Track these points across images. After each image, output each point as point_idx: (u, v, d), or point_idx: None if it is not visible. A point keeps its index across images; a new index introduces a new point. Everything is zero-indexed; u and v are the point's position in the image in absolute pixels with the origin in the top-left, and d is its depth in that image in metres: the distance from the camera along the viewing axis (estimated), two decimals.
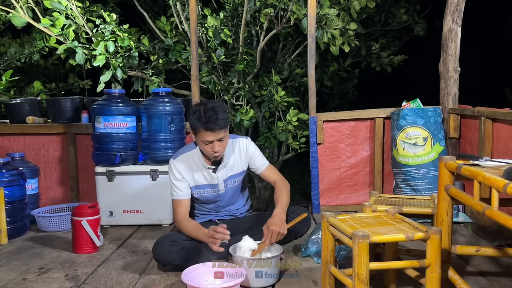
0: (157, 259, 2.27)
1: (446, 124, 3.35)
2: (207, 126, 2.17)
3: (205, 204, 2.49)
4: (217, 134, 2.20)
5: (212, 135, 2.19)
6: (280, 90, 3.91)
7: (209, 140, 2.21)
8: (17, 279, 2.24)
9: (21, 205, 3.04)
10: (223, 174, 2.41)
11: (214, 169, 2.39)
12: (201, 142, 2.25)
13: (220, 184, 2.42)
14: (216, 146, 2.23)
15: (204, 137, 2.21)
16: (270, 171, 2.52)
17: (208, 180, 2.41)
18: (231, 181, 2.45)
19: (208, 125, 2.17)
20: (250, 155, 2.46)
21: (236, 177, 2.46)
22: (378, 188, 3.52)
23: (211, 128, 2.17)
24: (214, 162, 2.39)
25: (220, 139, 2.22)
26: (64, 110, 3.59)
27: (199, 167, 2.39)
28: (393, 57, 5.17)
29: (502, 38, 6.59)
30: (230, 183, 2.45)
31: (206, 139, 2.21)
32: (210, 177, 2.40)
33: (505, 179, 1.36)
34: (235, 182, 2.47)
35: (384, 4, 4.99)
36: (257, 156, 2.49)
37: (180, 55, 4.06)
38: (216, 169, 2.39)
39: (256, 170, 2.51)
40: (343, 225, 1.72)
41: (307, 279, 2.15)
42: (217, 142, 2.22)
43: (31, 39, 4.56)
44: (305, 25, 3.50)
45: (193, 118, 2.22)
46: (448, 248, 1.83)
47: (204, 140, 2.22)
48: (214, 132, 2.19)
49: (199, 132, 2.22)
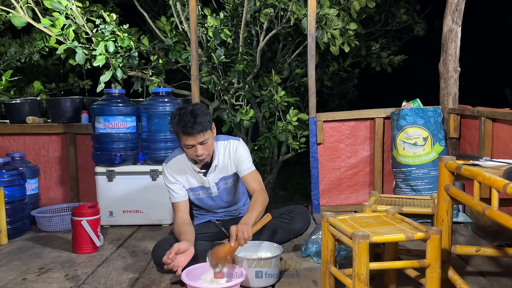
0: (156, 263, 2.26)
1: (446, 124, 3.35)
2: (184, 131, 2.14)
3: (201, 207, 2.49)
4: (196, 138, 2.15)
5: (192, 139, 2.16)
6: (280, 90, 3.91)
7: (190, 144, 2.18)
8: (17, 279, 2.24)
9: (21, 205, 3.04)
10: (214, 177, 2.38)
11: (204, 173, 2.37)
12: (184, 146, 2.23)
13: (212, 187, 2.40)
14: (198, 149, 2.19)
15: (184, 141, 2.18)
16: (253, 178, 2.37)
17: (200, 182, 2.40)
18: (223, 183, 2.43)
19: (185, 129, 2.13)
20: (239, 157, 2.39)
21: (228, 179, 2.43)
22: (378, 188, 3.52)
23: (189, 132, 2.13)
24: (204, 166, 2.36)
25: (201, 142, 2.18)
26: (64, 110, 3.59)
27: (190, 170, 2.38)
28: (393, 57, 5.17)
29: (502, 38, 6.59)
30: (223, 185, 2.43)
31: (186, 143, 2.18)
32: (202, 180, 2.39)
33: (505, 179, 1.36)
34: (227, 183, 2.44)
35: (384, 4, 5.00)
36: (245, 160, 2.39)
37: (180, 55, 4.06)
38: (206, 172, 2.37)
39: (240, 173, 2.40)
40: (343, 225, 1.72)
41: (307, 279, 2.15)
42: (199, 145, 2.18)
43: (31, 39, 4.56)
44: (305, 25, 3.50)
45: (173, 123, 2.20)
46: (448, 248, 1.83)
47: (186, 145, 2.20)
48: (193, 136, 2.15)
49: (179, 137, 2.20)
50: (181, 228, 2.23)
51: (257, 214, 2.16)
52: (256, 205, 2.22)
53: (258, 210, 2.19)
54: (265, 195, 2.31)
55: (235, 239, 2.01)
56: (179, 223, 2.28)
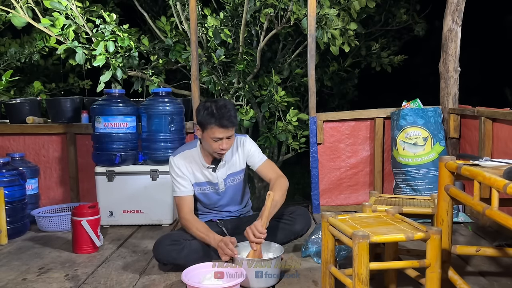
0: (157, 259, 2.26)
1: (446, 124, 3.35)
2: (221, 123, 2.16)
3: (206, 203, 2.49)
4: (228, 131, 2.20)
5: (224, 132, 2.19)
6: (280, 90, 3.91)
7: (219, 137, 2.20)
8: (17, 279, 2.24)
9: (21, 205, 3.04)
10: (222, 173, 2.40)
11: (213, 168, 2.38)
12: (210, 139, 2.22)
13: (220, 183, 2.41)
14: (224, 143, 2.22)
15: (215, 133, 2.19)
16: (266, 167, 2.42)
17: (208, 178, 2.40)
18: (230, 179, 2.45)
19: (222, 121, 2.16)
20: (247, 152, 2.43)
21: (236, 175, 2.46)
22: (378, 188, 3.52)
23: (225, 125, 2.17)
24: (213, 161, 2.38)
25: (229, 136, 2.22)
26: (64, 110, 3.59)
27: (199, 165, 2.38)
28: (393, 57, 5.17)
29: (502, 38, 6.59)
30: (230, 181, 2.45)
31: (216, 135, 2.19)
32: (211, 175, 2.39)
33: (505, 179, 1.36)
34: (235, 180, 2.46)
35: (384, 4, 4.99)
36: (254, 152, 2.45)
37: (180, 55, 4.06)
38: (215, 168, 2.38)
39: (253, 166, 2.46)
40: (343, 225, 1.72)
41: (307, 279, 2.15)
42: (226, 139, 2.22)
43: (31, 39, 4.56)
44: (305, 25, 3.50)
45: (205, 114, 2.20)
46: (448, 248, 1.83)
47: (214, 137, 2.20)
48: (226, 129, 2.18)
49: (210, 129, 2.20)
50: (196, 223, 2.28)
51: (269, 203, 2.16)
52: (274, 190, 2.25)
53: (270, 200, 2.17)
54: (283, 180, 2.35)
55: (253, 242, 2.09)
56: (190, 217, 2.30)
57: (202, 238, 2.23)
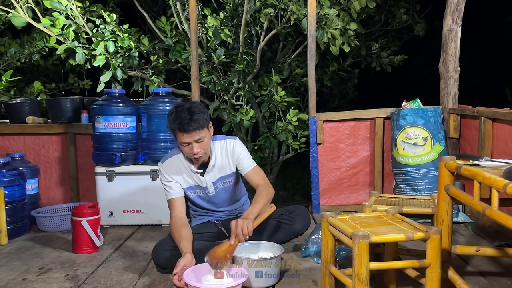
0: (156, 264, 2.25)
1: (446, 124, 3.35)
2: (180, 127, 2.13)
3: (200, 205, 2.48)
4: (193, 135, 2.14)
5: (188, 137, 2.14)
6: (280, 90, 3.91)
7: (186, 142, 2.16)
8: (17, 279, 2.24)
9: (21, 205, 3.04)
10: (211, 177, 2.37)
11: (201, 173, 2.36)
12: (180, 144, 2.22)
13: (209, 187, 2.39)
14: (194, 147, 2.17)
15: (180, 139, 2.17)
16: (255, 173, 2.38)
17: (197, 182, 2.39)
18: (221, 183, 2.42)
19: (181, 126, 2.12)
20: (237, 156, 2.39)
21: (227, 178, 2.42)
22: (378, 188, 3.52)
23: (185, 129, 2.12)
24: (201, 166, 2.35)
25: (197, 140, 2.16)
26: (64, 110, 3.59)
27: (187, 170, 2.36)
28: (393, 57, 5.17)
29: (502, 38, 6.59)
30: (221, 184, 2.42)
31: (182, 140, 2.17)
32: (199, 180, 2.37)
33: (505, 179, 1.36)
34: (225, 183, 2.43)
35: (384, 4, 5.00)
36: (244, 157, 2.40)
37: (180, 55, 4.06)
38: (203, 172, 2.36)
39: (242, 171, 2.41)
40: (343, 225, 1.72)
41: (307, 279, 2.15)
42: (195, 143, 2.17)
43: (31, 39, 4.56)
44: (305, 25, 3.50)
45: (169, 120, 2.18)
46: (448, 248, 1.83)
47: (181, 142, 2.18)
48: (189, 134, 2.13)
49: (176, 134, 2.19)
50: (180, 231, 2.18)
51: (260, 207, 2.13)
52: (259, 198, 2.19)
53: (261, 203, 2.16)
54: (270, 189, 2.29)
55: (235, 236, 1.99)
56: (177, 224, 2.23)
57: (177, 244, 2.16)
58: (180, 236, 2.15)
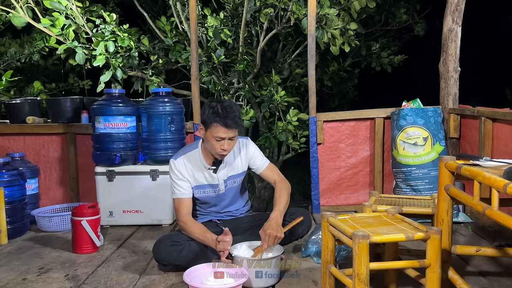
0: (157, 259, 2.26)
1: (446, 124, 3.35)
2: (225, 122, 2.16)
3: (206, 204, 2.49)
4: (231, 132, 2.19)
5: (226, 132, 2.18)
6: (280, 90, 3.91)
7: (221, 137, 2.19)
8: (17, 279, 2.24)
9: (21, 205, 3.04)
10: (223, 174, 2.40)
11: (214, 170, 2.38)
12: (212, 138, 2.22)
13: (221, 184, 2.41)
14: (226, 144, 2.22)
15: (217, 133, 2.19)
16: (270, 170, 2.50)
17: (208, 180, 2.40)
18: (231, 181, 2.44)
19: (226, 121, 2.16)
20: (250, 155, 2.46)
21: (237, 178, 2.46)
22: (378, 188, 3.52)
23: (229, 124, 2.17)
24: (214, 163, 2.38)
25: (231, 137, 2.22)
26: (64, 110, 3.59)
27: (200, 167, 2.38)
28: (393, 57, 5.17)
29: (502, 38, 6.59)
30: (231, 183, 2.45)
31: (219, 135, 2.19)
32: (211, 177, 2.39)
33: (505, 179, 1.36)
34: (235, 182, 2.46)
35: (384, 4, 5.00)
36: (257, 156, 2.48)
37: (180, 55, 4.06)
38: (216, 169, 2.38)
39: (256, 170, 2.50)
40: (343, 225, 1.72)
41: (307, 279, 2.15)
42: (228, 140, 2.22)
43: (31, 39, 4.56)
44: (305, 25, 3.50)
45: (210, 113, 2.20)
46: (448, 248, 1.83)
47: (217, 136, 2.20)
48: (230, 129, 2.18)
49: (213, 128, 2.19)
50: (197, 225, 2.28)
51: (284, 205, 2.32)
52: (281, 196, 2.36)
53: (284, 201, 2.34)
54: (287, 184, 2.45)
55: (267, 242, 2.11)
56: (190, 220, 2.29)
57: (199, 239, 2.22)
58: (200, 228, 2.25)
